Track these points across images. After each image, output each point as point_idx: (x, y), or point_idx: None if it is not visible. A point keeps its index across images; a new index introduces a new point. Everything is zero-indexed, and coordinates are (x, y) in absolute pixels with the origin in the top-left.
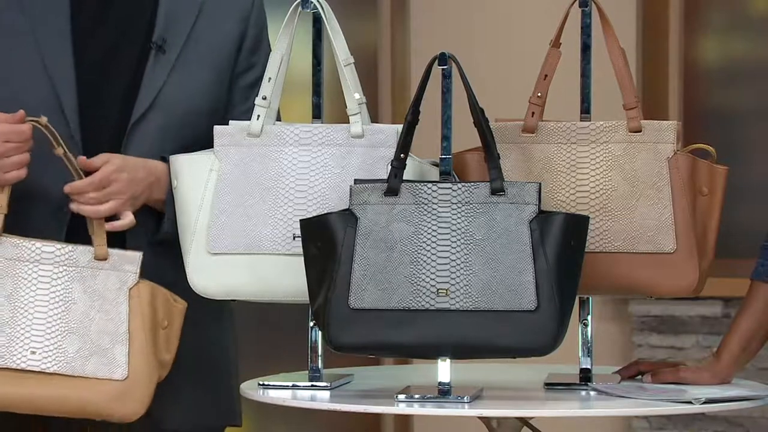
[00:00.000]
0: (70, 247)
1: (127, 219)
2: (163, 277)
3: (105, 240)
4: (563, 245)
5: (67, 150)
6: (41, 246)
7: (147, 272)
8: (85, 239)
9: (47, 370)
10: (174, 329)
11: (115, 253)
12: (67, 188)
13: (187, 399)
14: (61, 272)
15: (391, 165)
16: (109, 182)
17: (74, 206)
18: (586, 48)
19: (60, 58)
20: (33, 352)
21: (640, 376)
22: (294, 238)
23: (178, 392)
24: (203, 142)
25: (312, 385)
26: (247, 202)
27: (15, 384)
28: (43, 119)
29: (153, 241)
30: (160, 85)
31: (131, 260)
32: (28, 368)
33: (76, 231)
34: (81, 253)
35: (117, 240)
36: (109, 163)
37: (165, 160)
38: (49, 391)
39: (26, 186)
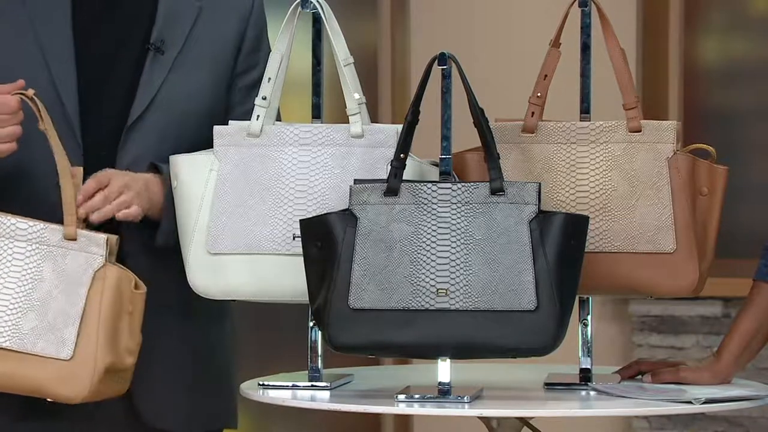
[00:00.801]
0: (41, 225)
1: (134, 209)
2: (162, 278)
3: (75, 220)
4: (563, 245)
5: (50, 127)
6: (16, 222)
7: (145, 273)
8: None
9: (1, 345)
10: (136, 316)
11: (83, 234)
12: (79, 198)
13: (183, 400)
14: (33, 250)
15: (391, 165)
16: (107, 179)
17: (95, 216)
18: (585, 48)
19: (61, 57)
20: None
21: (640, 376)
22: (294, 238)
23: (175, 393)
24: (203, 142)
25: (312, 385)
26: (247, 202)
27: None
28: (30, 91)
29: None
30: (158, 85)
31: (98, 242)
32: None
33: None
34: (52, 231)
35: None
36: (99, 171)
37: (157, 168)
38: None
39: (25, 162)
